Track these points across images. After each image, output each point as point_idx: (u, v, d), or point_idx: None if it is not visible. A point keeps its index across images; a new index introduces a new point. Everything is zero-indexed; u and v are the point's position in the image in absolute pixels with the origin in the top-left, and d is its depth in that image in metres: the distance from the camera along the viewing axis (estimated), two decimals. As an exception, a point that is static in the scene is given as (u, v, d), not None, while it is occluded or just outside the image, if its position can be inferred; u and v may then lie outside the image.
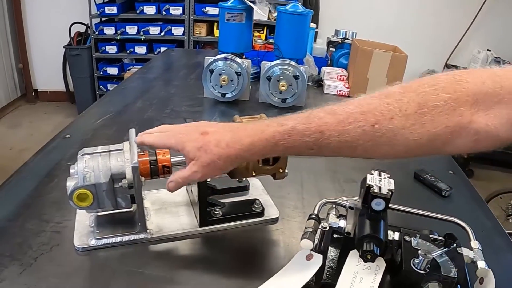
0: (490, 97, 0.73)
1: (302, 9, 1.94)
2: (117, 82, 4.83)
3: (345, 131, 0.79)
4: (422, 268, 0.84)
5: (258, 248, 1.04)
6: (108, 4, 4.56)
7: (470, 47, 5.36)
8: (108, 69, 4.81)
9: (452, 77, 0.76)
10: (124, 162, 0.93)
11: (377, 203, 0.87)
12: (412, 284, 0.84)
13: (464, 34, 5.24)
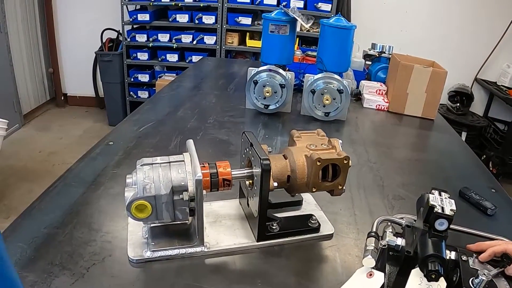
0: None
1: (345, 22, 1.93)
2: (148, 89, 4.87)
3: None
4: (482, 287, 0.83)
5: (315, 264, 1.03)
6: (140, 12, 4.60)
7: (499, 62, 5.30)
8: (139, 75, 4.84)
9: None
10: (186, 174, 0.92)
11: (440, 223, 0.88)
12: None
13: (494, 48, 5.19)
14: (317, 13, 4.33)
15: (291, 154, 1.03)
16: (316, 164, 0.97)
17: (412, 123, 2.20)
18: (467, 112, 5.11)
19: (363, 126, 2.08)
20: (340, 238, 1.11)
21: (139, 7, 4.77)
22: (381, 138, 1.99)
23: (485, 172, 1.73)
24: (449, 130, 2.23)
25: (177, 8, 4.65)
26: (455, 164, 1.80)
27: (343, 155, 1.00)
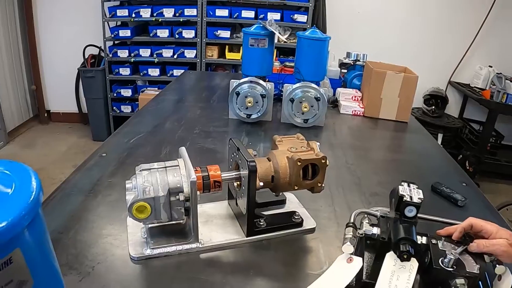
0: None
1: (320, 34, 2.05)
2: (131, 103, 4.94)
3: None
4: (450, 266, 0.95)
5: (300, 255, 1.14)
6: (122, 28, 4.69)
7: (472, 64, 5.49)
8: (121, 90, 4.91)
9: None
10: (181, 177, 1.03)
11: (409, 210, 1.01)
12: (441, 281, 0.96)
13: (466, 51, 5.37)
14: (293, 25, 4.49)
15: (274, 157, 1.14)
16: (297, 165, 1.09)
17: (387, 126, 2.33)
18: (443, 114, 5.26)
19: (341, 131, 2.20)
20: (322, 232, 1.22)
21: (120, 23, 4.85)
22: (358, 142, 2.11)
23: (457, 168, 1.86)
24: (422, 131, 2.36)
25: (157, 24, 4.73)
26: (429, 162, 1.93)
27: (321, 155, 1.11)
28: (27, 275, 0.48)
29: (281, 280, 1.02)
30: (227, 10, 4.58)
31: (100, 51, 5.01)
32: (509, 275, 0.97)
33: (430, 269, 0.98)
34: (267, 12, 4.55)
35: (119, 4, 4.78)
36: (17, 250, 0.45)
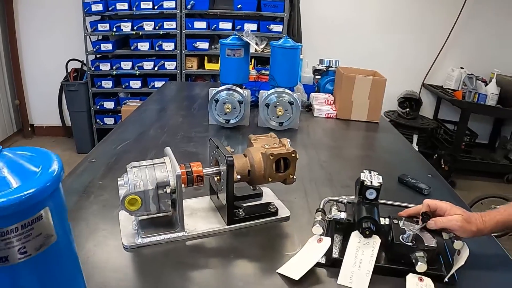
0: None
1: (292, 43, 2.19)
2: (114, 115, 5.03)
3: None
4: (409, 241, 1.10)
5: (277, 239, 1.27)
6: (103, 42, 4.78)
7: (444, 66, 5.67)
8: (104, 103, 4.99)
9: None
10: (167, 173, 1.16)
11: (370, 193, 1.16)
12: (403, 254, 1.11)
13: (438, 54, 5.55)
14: (270, 35, 4.62)
15: (250, 153, 1.27)
16: (270, 159, 1.22)
17: (358, 127, 2.48)
18: (417, 116, 5.43)
19: (314, 132, 2.34)
20: (295, 220, 1.35)
21: (102, 37, 4.94)
22: (331, 142, 2.25)
23: (424, 162, 2.02)
24: (392, 131, 2.52)
25: (138, 37, 4.82)
26: (398, 158, 2.09)
27: (291, 150, 1.25)
28: (52, 231, 0.60)
29: (259, 261, 1.15)
30: (205, 22, 4.69)
31: (83, 65, 5.10)
32: (467, 249, 1.11)
33: (392, 245, 1.12)
34: (244, 23, 4.66)
35: (100, 18, 4.87)
36: (46, 208, 0.58)
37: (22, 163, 0.59)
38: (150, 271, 1.09)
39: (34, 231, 0.58)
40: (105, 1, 4.62)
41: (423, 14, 5.47)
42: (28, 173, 0.58)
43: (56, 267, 0.65)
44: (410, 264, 1.09)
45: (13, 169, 0.57)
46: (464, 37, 5.51)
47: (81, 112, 5.01)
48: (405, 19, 5.48)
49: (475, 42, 5.57)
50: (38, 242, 0.59)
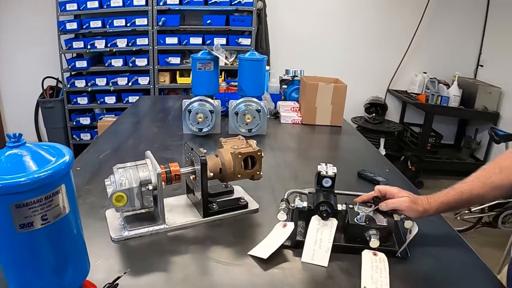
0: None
1: (258, 55, 2.37)
2: (90, 131, 5.15)
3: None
4: (363, 221, 1.29)
5: (248, 228, 1.45)
6: (78, 59, 4.92)
7: (408, 72, 5.93)
8: (80, 119, 5.11)
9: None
10: (149, 172, 1.32)
11: (326, 181, 1.35)
12: (358, 233, 1.30)
13: (401, 61, 5.81)
14: (238, 48, 4.81)
15: (221, 153, 1.45)
16: (238, 157, 1.40)
17: (322, 131, 2.67)
18: (383, 120, 5.65)
19: (281, 137, 2.52)
20: (264, 212, 1.53)
21: (76, 55, 5.08)
22: (296, 145, 2.45)
23: (383, 159, 2.25)
24: (354, 133, 2.73)
25: (111, 54, 4.97)
26: (358, 156, 2.30)
27: (257, 149, 1.44)
28: (66, 203, 0.78)
29: (232, 246, 1.32)
30: (176, 38, 4.86)
31: (58, 82, 5.22)
32: (416, 227, 1.29)
33: (348, 226, 1.31)
34: (214, 38, 4.84)
35: (75, 36, 5.00)
36: (62, 185, 0.76)
37: (42, 153, 0.76)
38: (136, 259, 1.24)
39: (53, 202, 0.75)
40: (79, 20, 4.78)
41: (386, 23, 5.72)
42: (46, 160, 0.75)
43: (67, 235, 0.83)
44: (365, 242, 1.27)
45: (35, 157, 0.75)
46: (425, 43, 5.76)
47: (57, 128, 5.13)
48: (369, 29, 5.72)
49: (436, 48, 5.81)
50: (56, 211, 0.77)
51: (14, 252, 0.77)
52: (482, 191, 1.35)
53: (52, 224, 0.76)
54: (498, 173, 1.34)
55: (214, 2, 4.79)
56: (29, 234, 0.74)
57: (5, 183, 0.69)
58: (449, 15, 5.72)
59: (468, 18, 5.77)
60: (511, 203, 3.79)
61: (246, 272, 1.19)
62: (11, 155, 0.74)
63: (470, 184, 1.37)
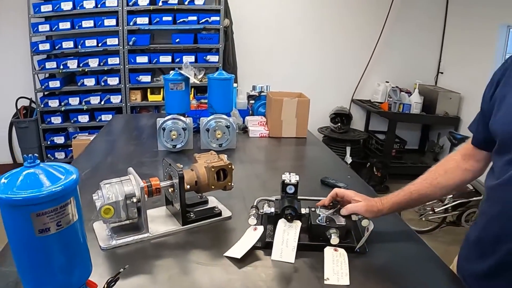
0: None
1: (226, 75, 2.54)
2: (64, 150, 5.24)
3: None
4: (324, 222, 1.49)
5: (223, 234, 1.62)
6: (51, 79, 5.01)
7: (371, 82, 6.17)
8: (55, 138, 5.19)
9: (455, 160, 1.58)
10: (133, 186, 1.49)
11: (289, 188, 1.54)
12: (320, 233, 1.49)
13: (364, 71, 6.06)
14: (207, 65, 4.99)
15: (196, 167, 1.63)
16: (211, 170, 1.58)
17: (289, 142, 2.86)
18: (349, 129, 5.83)
19: (250, 150, 2.69)
20: (236, 219, 1.71)
21: (49, 75, 5.16)
22: (265, 157, 2.63)
23: (345, 167, 2.48)
24: (318, 144, 2.94)
25: (83, 73, 5.08)
26: (322, 165, 2.51)
27: (227, 162, 1.62)
28: (75, 212, 0.96)
29: (210, 249, 1.49)
30: (146, 57, 5.01)
31: (32, 102, 5.28)
32: (372, 225, 1.49)
33: (311, 226, 1.50)
34: (183, 56, 5.01)
35: (47, 57, 5.09)
36: (72, 197, 0.94)
37: (53, 172, 0.93)
38: (124, 264, 1.35)
39: (65, 211, 0.92)
40: (52, 41, 4.88)
41: (349, 37, 5.96)
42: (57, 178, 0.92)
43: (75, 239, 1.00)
44: (327, 240, 1.46)
45: (48, 175, 0.92)
46: (387, 54, 6.01)
47: (32, 148, 5.17)
48: (333, 43, 5.96)
49: (397, 57, 6.08)
50: (67, 219, 0.94)
51: (32, 254, 0.93)
52: (429, 191, 1.56)
53: (64, 229, 0.93)
54: (443, 174, 1.55)
55: (182, 22, 4.95)
56: (45, 238, 0.91)
57: (28, 196, 0.86)
58: (408, 25, 6.00)
59: (427, 28, 6.06)
60: (472, 202, 4.03)
61: (224, 271, 1.36)
62: (29, 174, 0.91)
63: (418, 185, 1.58)
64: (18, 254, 0.94)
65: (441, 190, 1.56)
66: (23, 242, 0.91)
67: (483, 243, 1.36)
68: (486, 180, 1.40)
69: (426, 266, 1.47)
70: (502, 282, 1.29)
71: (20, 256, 0.94)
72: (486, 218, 1.36)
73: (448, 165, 1.57)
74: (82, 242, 1.02)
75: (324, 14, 5.86)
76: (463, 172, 1.55)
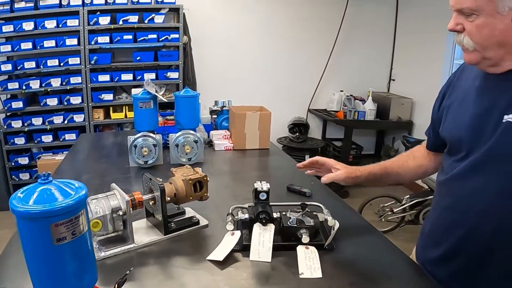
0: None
1: (192, 92, 2.68)
2: (29, 170, 5.23)
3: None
4: (294, 223, 1.66)
5: (201, 240, 1.77)
6: (13, 100, 5.02)
7: (326, 91, 6.42)
8: (19, 159, 5.18)
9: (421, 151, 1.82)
10: (118, 200, 1.62)
11: (262, 195, 1.71)
12: (291, 233, 1.67)
13: (319, 82, 6.31)
14: (167, 81, 5.14)
15: (174, 181, 1.77)
16: (189, 183, 1.73)
17: (253, 154, 3.03)
18: (307, 138, 6.05)
19: (217, 163, 2.85)
20: (213, 226, 1.86)
21: (11, 96, 5.16)
22: (231, 169, 2.79)
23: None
24: (280, 153, 3.13)
25: (46, 93, 5.08)
26: (286, 173, 2.68)
27: (203, 174, 1.77)
28: (86, 223, 1.09)
29: (192, 255, 1.63)
30: (108, 75, 5.08)
31: (-7, 124, 5.25)
32: (337, 224, 1.67)
33: (283, 228, 1.68)
34: (144, 73, 5.11)
35: (9, 77, 5.10)
36: (83, 210, 1.08)
37: (64, 188, 1.07)
38: (114, 273, 1.48)
39: (79, 222, 1.07)
40: (14, 61, 4.89)
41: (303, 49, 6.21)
42: (68, 193, 1.07)
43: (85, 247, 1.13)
44: (298, 239, 1.64)
45: (60, 190, 1.06)
46: (340, 64, 6.29)
47: (-4, 169, 5.15)
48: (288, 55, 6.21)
49: (350, 67, 6.37)
50: (80, 229, 1.08)
51: (49, 261, 1.07)
52: (400, 171, 1.83)
53: (77, 238, 1.08)
54: (413, 159, 1.81)
55: (143, 40, 5.08)
56: (62, 246, 1.05)
57: (48, 209, 1.00)
58: (360, 36, 6.32)
59: (378, 38, 6.39)
60: (428, 201, 4.27)
61: (208, 273, 1.51)
62: (44, 189, 1.05)
63: (392, 163, 1.85)
64: (35, 262, 1.07)
65: (410, 173, 1.82)
66: (41, 250, 1.05)
67: (437, 232, 1.58)
68: (437, 176, 1.63)
69: (388, 257, 1.67)
70: (455, 264, 1.50)
71: (37, 264, 1.07)
72: (438, 210, 1.58)
73: (417, 153, 1.84)
74: (90, 249, 1.16)
75: (279, 29, 6.11)
76: (428, 162, 1.79)
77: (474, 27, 1.27)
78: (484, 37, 1.27)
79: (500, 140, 1.31)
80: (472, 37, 1.30)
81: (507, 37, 1.25)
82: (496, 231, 1.36)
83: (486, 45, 1.28)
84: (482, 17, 1.24)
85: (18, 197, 1.04)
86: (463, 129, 1.44)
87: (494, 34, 1.25)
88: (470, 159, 1.41)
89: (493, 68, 1.34)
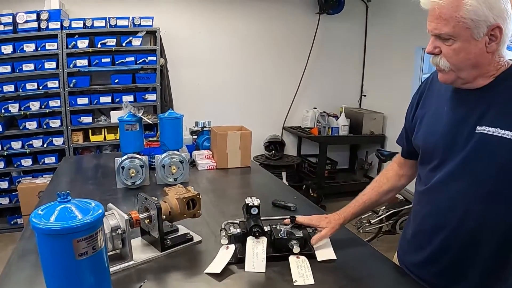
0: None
1: (176, 114, 2.78)
2: (8, 195, 5.17)
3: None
4: (285, 235, 1.78)
5: (197, 255, 1.87)
6: (-8, 124, 4.98)
7: (300, 109, 6.58)
8: (-3, 184, 5.16)
9: (393, 168, 1.98)
10: (117, 219, 1.71)
11: (254, 210, 1.82)
12: (283, 245, 1.78)
13: (293, 100, 6.47)
14: (145, 103, 5.21)
15: (168, 200, 1.87)
16: (182, 201, 1.83)
17: (235, 172, 3.15)
18: (282, 155, 6.17)
19: (202, 182, 2.94)
20: (206, 242, 1.96)
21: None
22: (216, 187, 2.88)
23: (289, 189, 2.81)
24: (261, 171, 3.26)
25: (25, 117, 5.05)
26: (269, 189, 2.81)
27: (196, 193, 1.88)
28: (103, 239, 1.19)
29: (190, 269, 1.73)
30: (87, 98, 5.12)
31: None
32: None
33: (275, 240, 1.79)
34: (122, 96, 5.15)
35: (-15, 101, 5.04)
36: (101, 226, 1.18)
37: (82, 206, 1.17)
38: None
39: (97, 237, 1.17)
40: (-9, 85, 4.84)
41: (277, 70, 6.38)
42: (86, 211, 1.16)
43: (102, 261, 1.24)
44: (289, 250, 1.77)
45: (79, 209, 1.16)
46: (313, 83, 6.48)
47: (-26, 194, 5.09)
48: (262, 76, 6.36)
49: (323, 85, 6.56)
50: (98, 244, 1.18)
51: (70, 276, 1.16)
52: (377, 198, 1.96)
53: (97, 253, 1.18)
54: (386, 182, 1.95)
55: (121, 62, 5.14)
56: (83, 261, 1.15)
57: (71, 226, 1.11)
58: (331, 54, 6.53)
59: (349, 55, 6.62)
60: (404, 210, 4.43)
61: (207, 285, 1.61)
62: (63, 208, 1.16)
63: (369, 195, 1.96)
64: (56, 277, 1.17)
65: (386, 196, 1.97)
66: (63, 265, 1.14)
67: (420, 238, 1.71)
68: (416, 186, 1.77)
69: (372, 261, 1.84)
70: (440, 264, 1.62)
71: (58, 278, 1.17)
72: (420, 217, 1.71)
73: (389, 174, 1.97)
74: (106, 264, 1.25)
75: (252, 50, 6.27)
76: (401, 178, 1.94)
77: (451, 50, 1.42)
78: (460, 59, 1.42)
79: (473, 150, 1.45)
80: (448, 59, 1.44)
81: (480, 59, 1.41)
82: (477, 231, 1.49)
83: (461, 67, 1.43)
84: (458, 42, 1.39)
85: (38, 215, 1.13)
86: (437, 138, 1.58)
87: (469, 57, 1.40)
88: (447, 168, 1.54)
89: (466, 85, 1.49)
